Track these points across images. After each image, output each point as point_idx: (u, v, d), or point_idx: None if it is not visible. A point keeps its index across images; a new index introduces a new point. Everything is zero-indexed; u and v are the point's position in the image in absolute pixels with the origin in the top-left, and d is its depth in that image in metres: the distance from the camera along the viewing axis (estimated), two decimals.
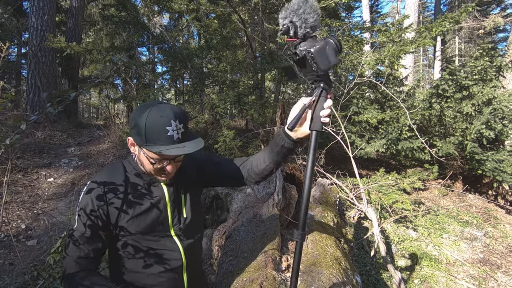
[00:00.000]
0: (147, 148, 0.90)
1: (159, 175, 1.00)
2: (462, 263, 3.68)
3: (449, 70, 4.54)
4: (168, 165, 0.96)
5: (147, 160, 0.95)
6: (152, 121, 0.89)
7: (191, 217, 1.11)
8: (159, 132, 0.89)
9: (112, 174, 1.03)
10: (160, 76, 7.58)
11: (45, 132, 5.75)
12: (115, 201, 0.98)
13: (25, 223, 3.40)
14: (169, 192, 1.06)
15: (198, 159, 1.20)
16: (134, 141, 0.96)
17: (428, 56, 22.10)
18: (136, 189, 1.02)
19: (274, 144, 1.04)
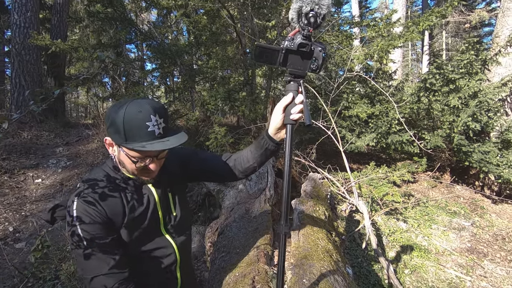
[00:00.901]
0: (127, 147, 0.86)
1: (142, 174, 0.97)
2: (450, 252, 3.77)
3: (436, 64, 4.61)
4: (151, 163, 0.93)
5: (129, 160, 0.90)
6: (130, 117, 0.84)
7: (181, 215, 1.11)
8: (139, 128, 0.84)
9: (99, 182, 0.97)
10: (150, 73, 7.48)
11: (32, 132, 5.62)
12: (114, 207, 0.94)
13: (12, 225, 3.33)
14: (157, 193, 1.05)
15: (182, 154, 1.19)
16: (113, 140, 0.91)
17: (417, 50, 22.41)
18: (127, 191, 0.98)
19: (257, 146, 1.04)
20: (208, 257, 2.14)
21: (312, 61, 0.83)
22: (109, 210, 0.92)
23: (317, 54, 0.81)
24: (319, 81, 7.01)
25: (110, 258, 0.89)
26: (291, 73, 0.85)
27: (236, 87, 4.77)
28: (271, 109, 3.45)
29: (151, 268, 1.04)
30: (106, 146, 0.97)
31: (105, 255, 0.89)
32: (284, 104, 0.88)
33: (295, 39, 0.80)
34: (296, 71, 0.84)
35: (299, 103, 0.86)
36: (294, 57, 0.82)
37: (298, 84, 0.86)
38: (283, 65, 0.83)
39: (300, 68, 0.84)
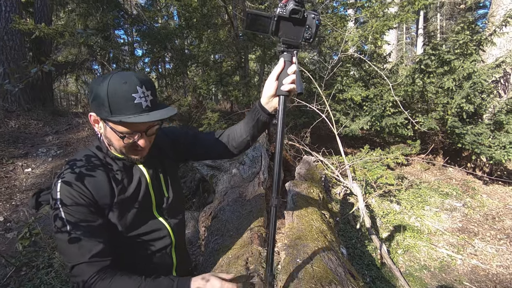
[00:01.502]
0: (113, 120, 0.81)
1: (131, 153, 0.91)
2: (442, 232, 3.84)
3: (432, 44, 4.55)
4: (140, 139, 0.87)
5: (116, 136, 0.84)
6: (115, 89, 0.79)
7: (173, 196, 1.07)
8: (125, 100, 0.79)
9: (85, 162, 0.91)
10: (140, 59, 7.27)
11: (19, 121, 5.46)
12: (101, 188, 0.88)
13: (3, 215, 3.27)
14: (149, 173, 1.00)
15: (173, 134, 1.16)
16: (97, 115, 0.85)
17: (411, 34, 22.21)
18: (115, 172, 0.93)
19: (250, 118, 1.01)
20: (203, 241, 2.12)
21: (305, 29, 0.80)
22: (95, 191, 0.86)
23: (310, 21, 0.79)
24: (314, 66, 6.92)
25: (94, 245, 0.83)
26: (284, 42, 0.82)
27: (229, 71, 4.67)
28: None
29: (147, 251, 1.01)
30: (91, 123, 0.90)
31: (89, 241, 0.83)
32: (276, 73, 0.86)
33: (287, 6, 0.76)
34: (289, 40, 0.81)
35: (292, 73, 0.83)
36: (286, 25, 0.79)
37: (292, 54, 0.84)
38: (275, 33, 0.80)
39: (293, 37, 0.81)
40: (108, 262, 0.86)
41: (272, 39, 4.43)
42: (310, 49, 7.04)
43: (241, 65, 4.82)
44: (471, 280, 2.98)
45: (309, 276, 1.05)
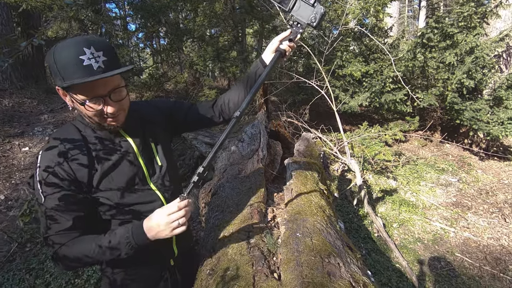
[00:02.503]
0: (64, 86, 0.77)
1: (105, 121, 0.87)
2: (437, 207, 3.94)
3: (435, 17, 4.40)
4: (108, 106, 0.82)
5: (82, 107, 0.80)
6: (60, 54, 0.75)
7: (166, 165, 1.06)
8: (73, 64, 0.74)
9: (64, 135, 0.88)
10: (133, 34, 7.02)
11: (13, 100, 5.35)
12: (80, 161, 0.86)
13: (3, 193, 3.29)
14: (135, 142, 0.98)
15: (164, 103, 1.16)
16: (59, 87, 0.80)
17: (414, 7, 21.47)
18: (97, 144, 0.90)
19: (249, 78, 1.11)
20: (203, 217, 2.16)
21: (314, 14, 0.99)
22: (74, 165, 0.85)
23: (318, 9, 0.99)
24: (313, 40, 6.72)
25: (65, 220, 0.84)
26: (294, 20, 1.03)
27: (226, 46, 4.53)
28: None
29: None
30: (64, 99, 0.85)
31: (60, 216, 0.83)
32: (282, 36, 1.05)
33: None
34: (299, 18, 1.01)
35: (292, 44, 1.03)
36: (300, 6, 1.00)
37: (297, 31, 1.03)
38: (290, 10, 1.01)
39: (302, 18, 1.01)
40: (77, 234, 0.87)
41: (270, 12, 4.27)
42: None
43: (238, 39, 4.67)
44: (463, 251, 3.09)
45: (308, 249, 1.08)
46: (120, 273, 1.05)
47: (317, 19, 0.99)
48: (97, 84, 0.78)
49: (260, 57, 1.09)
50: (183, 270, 1.20)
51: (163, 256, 1.11)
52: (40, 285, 2.24)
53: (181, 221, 0.84)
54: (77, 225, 0.87)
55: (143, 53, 8.43)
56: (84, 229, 0.89)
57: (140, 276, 1.07)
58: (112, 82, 0.82)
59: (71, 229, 0.85)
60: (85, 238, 0.87)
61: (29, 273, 2.34)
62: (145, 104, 1.15)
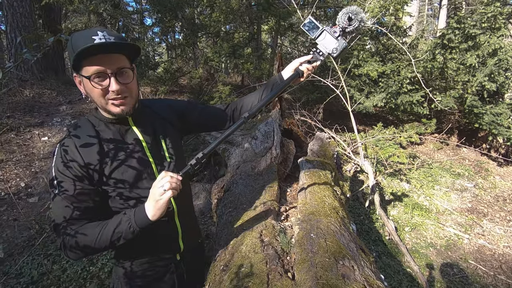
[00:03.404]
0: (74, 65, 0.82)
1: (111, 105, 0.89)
2: (451, 212, 3.85)
3: (457, 17, 4.26)
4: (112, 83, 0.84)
5: (90, 85, 0.83)
6: (77, 36, 0.82)
7: (175, 161, 1.08)
8: (85, 42, 0.79)
9: (80, 130, 0.93)
10: (149, 29, 7.10)
11: (34, 90, 5.52)
12: (92, 155, 0.90)
13: (24, 181, 3.42)
14: (145, 138, 1.00)
15: (178, 105, 1.18)
16: (74, 71, 0.86)
17: (434, 5, 20.81)
18: (108, 139, 0.94)
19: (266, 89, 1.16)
20: (215, 212, 2.19)
21: (336, 46, 1.08)
22: (86, 157, 0.89)
23: (341, 43, 1.07)
24: None
25: (73, 209, 0.88)
26: (318, 47, 1.11)
27: (241, 42, 4.52)
28: (278, 65, 3.29)
29: None
30: (79, 87, 0.90)
31: (69, 205, 0.87)
32: (303, 59, 1.11)
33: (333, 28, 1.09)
34: (321, 48, 1.10)
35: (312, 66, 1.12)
36: (325, 37, 1.09)
37: (318, 59, 1.12)
38: (316, 38, 1.10)
39: (325, 47, 1.09)
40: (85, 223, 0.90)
41: (287, 10, 4.23)
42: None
43: (254, 36, 4.65)
44: (477, 259, 3.02)
45: (323, 250, 1.08)
46: (128, 265, 1.08)
47: (338, 51, 1.08)
48: (103, 59, 0.82)
49: (280, 73, 1.16)
50: (190, 265, 1.21)
51: (169, 251, 1.12)
52: (57, 270, 2.33)
53: (166, 186, 0.84)
54: (86, 215, 0.90)
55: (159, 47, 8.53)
56: (93, 220, 0.92)
57: (147, 269, 1.10)
58: (119, 61, 0.86)
59: (80, 218, 0.89)
60: (90, 225, 0.89)
61: (47, 259, 2.43)
62: (158, 102, 1.17)
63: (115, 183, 0.94)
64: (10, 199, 3.09)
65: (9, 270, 2.30)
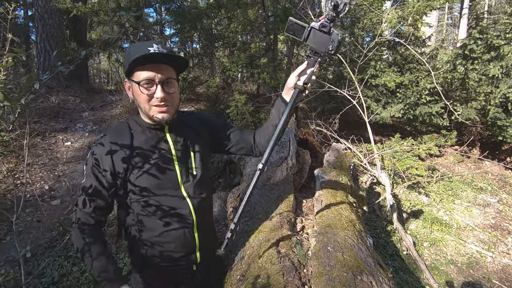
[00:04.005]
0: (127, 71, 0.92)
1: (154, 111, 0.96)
2: (472, 228, 3.70)
3: (479, 28, 4.17)
4: (158, 91, 0.93)
5: (139, 90, 0.92)
6: (135, 46, 0.94)
7: (201, 175, 1.10)
8: (140, 51, 0.88)
9: (117, 132, 1.02)
10: (169, 38, 7.33)
11: (59, 97, 5.80)
12: (121, 157, 0.97)
13: (48, 184, 3.57)
14: (175, 148, 1.04)
15: (214, 122, 1.20)
16: (125, 75, 0.97)
17: (454, 14, 20.39)
18: (141, 144, 1.01)
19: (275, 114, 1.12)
20: (230, 221, 2.20)
21: (330, 42, 0.95)
22: (117, 160, 0.97)
23: (334, 36, 0.94)
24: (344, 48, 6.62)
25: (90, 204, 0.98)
26: (311, 49, 0.99)
27: (258, 53, 4.60)
28: None
29: (169, 227, 1.04)
30: (127, 91, 1.01)
31: (90, 197, 0.98)
32: (299, 70, 1.01)
33: (320, 20, 0.96)
34: (315, 47, 0.97)
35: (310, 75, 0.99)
36: (315, 35, 0.96)
37: (315, 61, 0.99)
38: (306, 39, 0.98)
39: (318, 47, 0.97)
40: (92, 221, 1.00)
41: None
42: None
43: (271, 47, 4.72)
44: (501, 279, 2.88)
45: (340, 265, 1.07)
46: (145, 272, 1.12)
47: (335, 46, 0.95)
48: (153, 68, 0.92)
49: (281, 95, 1.09)
50: (206, 275, 1.21)
51: (186, 262, 1.12)
52: (76, 272, 2.40)
53: None
54: (96, 214, 1.00)
55: None
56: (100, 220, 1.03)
57: (163, 277, 1.12)
58: (166, 71, 0.95)
59: (91, 213, 1.00)
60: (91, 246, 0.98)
61: (67, 260, 2.51)
62: (196, 115, 1.22)
63: (138, 187, 0.99)
64: (35, 201, 3.23)
65: (32, 270, 2.39)
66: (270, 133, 1.10)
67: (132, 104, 5.65)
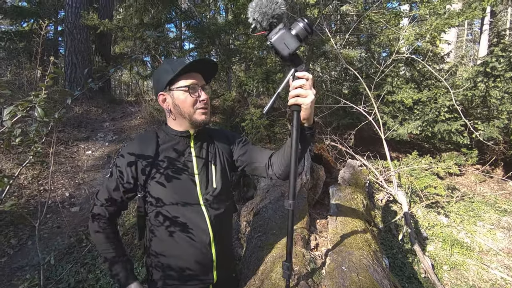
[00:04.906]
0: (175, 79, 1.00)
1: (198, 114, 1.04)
2: (496, 252, 3.51)
3: (502, 45, 4.09)
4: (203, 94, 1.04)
5: (182, 95, 1.01)
6: (172, 61, 1.04)
7: (220, 188, 1.11)
8: (179, 63, 1.00)
9: (144, 140, 1.09)
10: (188, 53, 7.60)
11: (83, 107, 6.07)
12: (145, 165, 1.03)
13: (68, 191, 3.70)
14: (197, 160, 1.08)
15: (234, 138, 1.22)
16: (163, 90, 1.04)
17: (474, 30, 20.04)
18: (166, 152, 1.07)
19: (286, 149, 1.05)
20: (243, 235, 2.21)
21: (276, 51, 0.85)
22: (140, 166, 1.04)
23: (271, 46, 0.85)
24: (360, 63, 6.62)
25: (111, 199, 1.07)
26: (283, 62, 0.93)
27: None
28: None
29: (185, 240, 1.04)
30: (161, 104, 1.07)
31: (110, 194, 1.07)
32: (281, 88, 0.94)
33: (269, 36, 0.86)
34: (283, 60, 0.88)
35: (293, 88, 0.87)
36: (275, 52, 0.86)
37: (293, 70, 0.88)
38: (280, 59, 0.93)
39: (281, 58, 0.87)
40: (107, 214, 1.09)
41: (321, 38, 4.35)
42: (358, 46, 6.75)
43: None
44: None
45: (355, 286, 1.06)
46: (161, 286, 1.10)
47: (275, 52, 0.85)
48: (194, 76, 1.03)
49: None
50: None
51: (202, 281, 1.10)
52: (91, 279, 2.45)
53: None
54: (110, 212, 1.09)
55: None
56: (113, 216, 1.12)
57: None
58: (202, 79, 1.07)
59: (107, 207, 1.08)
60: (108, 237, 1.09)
61: (83, 267, 2.57)
62: (219, 131, 1.26)
63: (157, 194, 1.04)
64: (55, 207, 3.35)
65: (50, 275, 2.46)
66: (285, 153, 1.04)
67: (150, 115, 5.84)
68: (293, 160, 0.90)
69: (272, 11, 0.80)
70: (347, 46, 6.96)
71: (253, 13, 0.82)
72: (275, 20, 0.82)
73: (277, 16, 0.82)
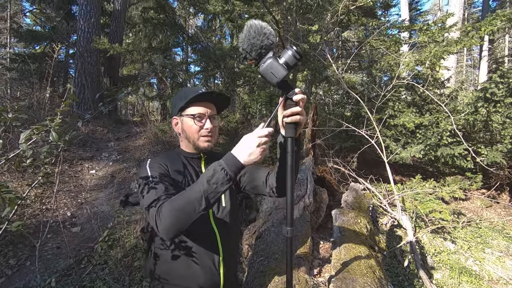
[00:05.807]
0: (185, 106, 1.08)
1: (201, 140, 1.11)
2: (506, 281, 3.39)
3: (500, 72, 4.19)
4: (207, 123, 1.09)
5: (189, 123, 1.09)
6: (188, 89, 1.12)
7: (230, 208, 1.15)
8: (194, 91, 1.07)
9: (171, 156, 1.16)
10: (193, 76, 7.83)
11: (89, 127, 6.18)
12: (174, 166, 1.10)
13: (70, 210, 3.69)
14: None
15: None
16: (176, 115, 1.13)
17: (473, 55, 20.50)
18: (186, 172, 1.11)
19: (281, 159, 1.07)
20: (245, 258, 2.17)
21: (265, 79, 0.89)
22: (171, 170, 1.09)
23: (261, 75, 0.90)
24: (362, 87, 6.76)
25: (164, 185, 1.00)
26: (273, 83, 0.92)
27: (277, 91, 4.80)
28: (312, 114, 3.41)
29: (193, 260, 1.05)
30: (174, 127, 1.17)
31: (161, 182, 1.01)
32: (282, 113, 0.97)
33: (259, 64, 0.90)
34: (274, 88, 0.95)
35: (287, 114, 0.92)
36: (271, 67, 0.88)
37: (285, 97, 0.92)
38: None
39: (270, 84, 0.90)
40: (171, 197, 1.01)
41: (323, 64, 4.49)
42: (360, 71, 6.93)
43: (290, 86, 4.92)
44: None
45: None
46: None
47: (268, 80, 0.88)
48: (204, 105, 1.10)
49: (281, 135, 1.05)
50: None
51: None
52: None
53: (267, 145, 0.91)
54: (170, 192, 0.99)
55: None
56: None
57: None
58: (213, 109, 1.13)
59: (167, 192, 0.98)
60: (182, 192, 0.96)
61: None
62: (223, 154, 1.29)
63: None
64: (56, 227, 3.33)
65: None
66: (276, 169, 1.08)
67: (155, 136, 5.92)
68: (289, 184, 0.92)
69: (260, 42, 0.84)
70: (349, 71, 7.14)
71: (242, 44, 0.86)
72: (264, 51, 0.86)
73: (265, 47, 0.85)
